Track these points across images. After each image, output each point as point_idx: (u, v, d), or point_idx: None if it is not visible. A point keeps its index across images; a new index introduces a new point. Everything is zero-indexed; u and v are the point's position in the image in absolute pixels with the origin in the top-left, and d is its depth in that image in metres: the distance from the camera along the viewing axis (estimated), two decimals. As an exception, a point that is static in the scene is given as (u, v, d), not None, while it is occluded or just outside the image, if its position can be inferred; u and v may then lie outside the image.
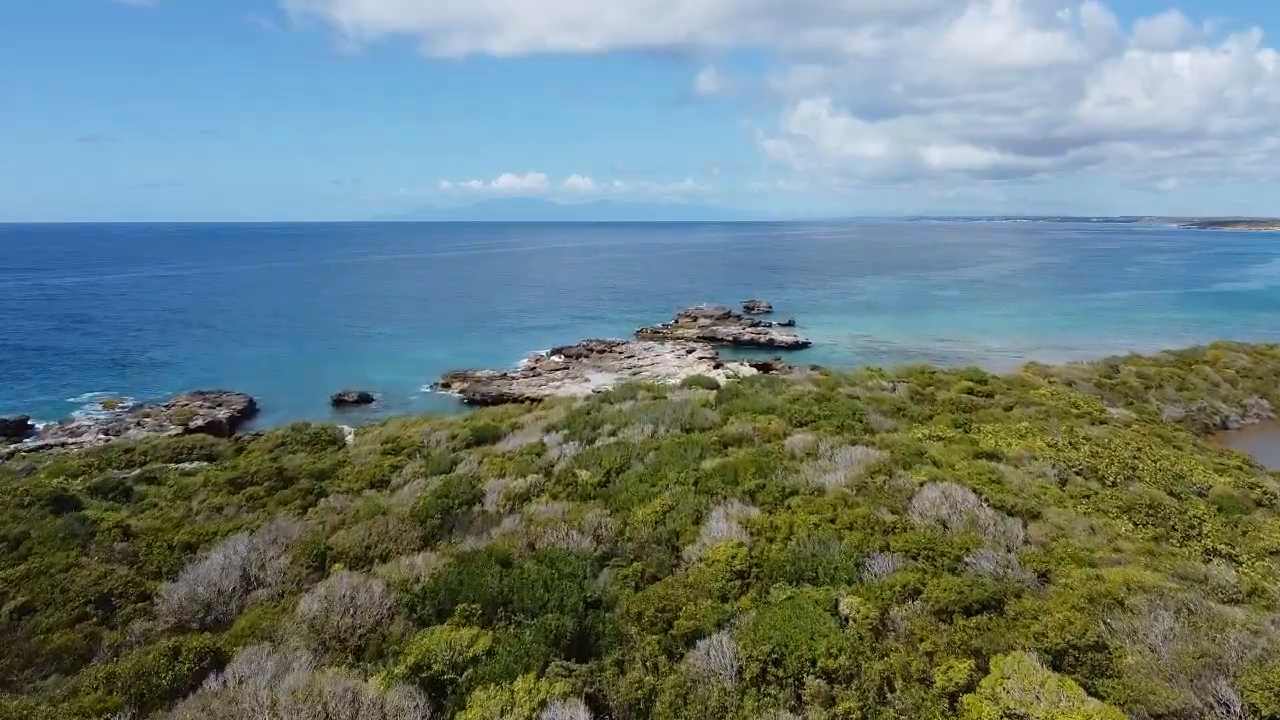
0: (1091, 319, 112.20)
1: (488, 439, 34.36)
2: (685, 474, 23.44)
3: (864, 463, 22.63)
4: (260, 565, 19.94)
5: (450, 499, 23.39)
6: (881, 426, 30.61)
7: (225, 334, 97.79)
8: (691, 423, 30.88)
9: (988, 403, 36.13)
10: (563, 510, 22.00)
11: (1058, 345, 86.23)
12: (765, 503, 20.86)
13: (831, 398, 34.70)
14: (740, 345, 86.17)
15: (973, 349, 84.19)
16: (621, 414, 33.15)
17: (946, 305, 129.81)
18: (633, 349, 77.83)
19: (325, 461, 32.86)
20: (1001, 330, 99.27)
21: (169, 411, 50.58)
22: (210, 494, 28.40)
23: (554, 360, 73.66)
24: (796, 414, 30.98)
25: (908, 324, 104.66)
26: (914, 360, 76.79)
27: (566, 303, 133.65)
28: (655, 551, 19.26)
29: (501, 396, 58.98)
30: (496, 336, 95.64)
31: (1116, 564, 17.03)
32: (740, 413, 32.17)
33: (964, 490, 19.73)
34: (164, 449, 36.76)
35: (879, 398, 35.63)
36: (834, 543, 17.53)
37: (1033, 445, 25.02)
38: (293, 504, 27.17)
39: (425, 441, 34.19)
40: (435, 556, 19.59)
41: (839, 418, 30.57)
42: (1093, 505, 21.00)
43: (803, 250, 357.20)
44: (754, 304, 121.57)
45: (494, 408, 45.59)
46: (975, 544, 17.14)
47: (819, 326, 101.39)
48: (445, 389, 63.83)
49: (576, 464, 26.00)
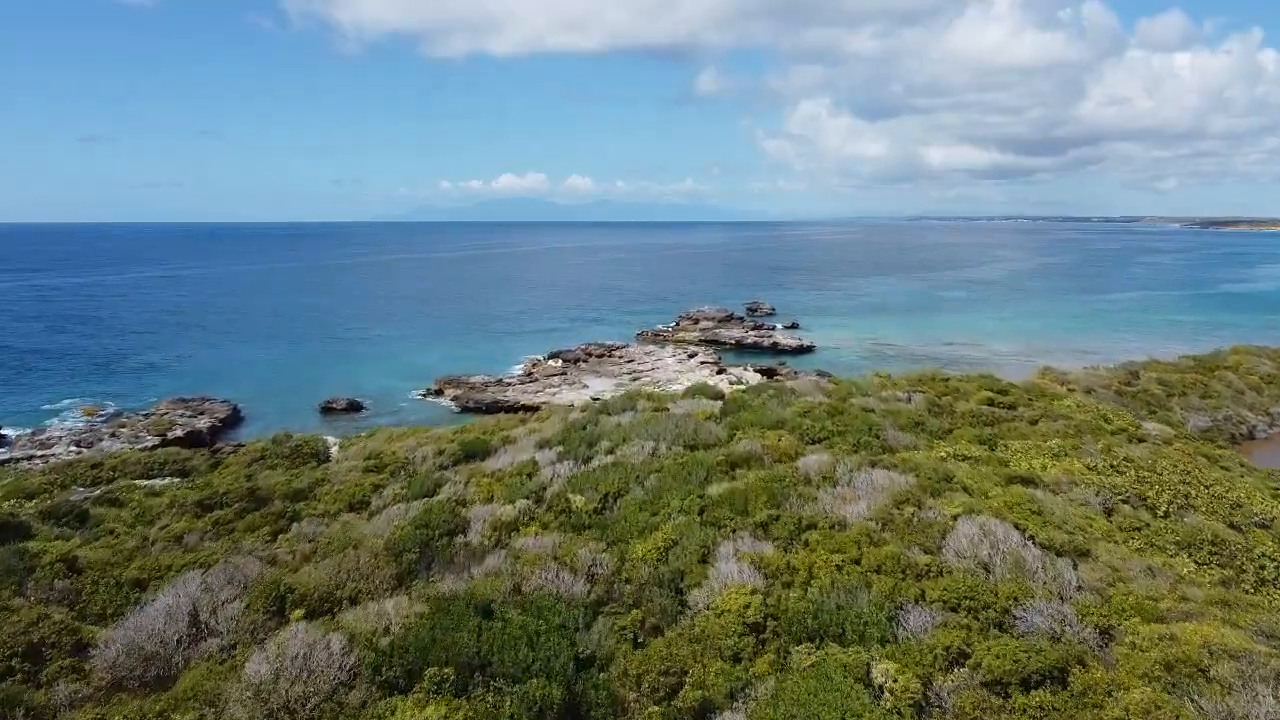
0: (1100, 321, 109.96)
1: (477, 455, 32.16)
2: (689, 501, 21.23)
3: (888, 490, 20.42)
4: (213, 610, 17.73)
5: (430, 529, 21.18)
6: (900, 443, 28.41)
7: (219, 336, 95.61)
8: (695, 439, 28.68)
9: (1011, 415, 33.92)
10: (554, 544, 19.80)
11: (1069, 349, 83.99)
12: (779, 538, 18.65)
13: (844, 410, 32.52)
14: (743, 349, 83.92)
15: (982, 353, 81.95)
16: (620, 428, 30.95)
17: (952, 307, 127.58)
18: (633, 353, 75.62)
19: (302, 480, 30.65)
20: (1010, 333, 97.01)
21: (147, 421, 48.36)
22: (174, 518, 26.20)
23: (551, 365, 71.44)
24: (808, 429, 28.77)
25: (914, 326, 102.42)
26: (922, 365, 74.57)
27: (565, 304, 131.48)
28: (656, 596, 17.04)
29: (496, 404, 56.74)
30: (493, 339, 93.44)
31: (1187, 617, 14.81)
32: (748, 427, 29.97)
33: (1004, 525, 17.51)
34: (134, 464, 34.56)
35: (895, 410, 33.41)
36: (861, 591, 15.31)
37: (1071, 468, 22.81)
38: (262, 530, 24.99)
39: (410, 458, 31.99)
40: (408, 601, 17.40)
41: (854, 434, 28.36)
42: (1146, 540, 18.78)
43: (804, 250, 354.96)
44: (756, 305, 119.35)
45: (486, 418, 43.40)
46: (1025, 593, 14.92)
47: (823, 329, 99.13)
48: (438, 395, 61.62)
49: (570, 487, 23.80)
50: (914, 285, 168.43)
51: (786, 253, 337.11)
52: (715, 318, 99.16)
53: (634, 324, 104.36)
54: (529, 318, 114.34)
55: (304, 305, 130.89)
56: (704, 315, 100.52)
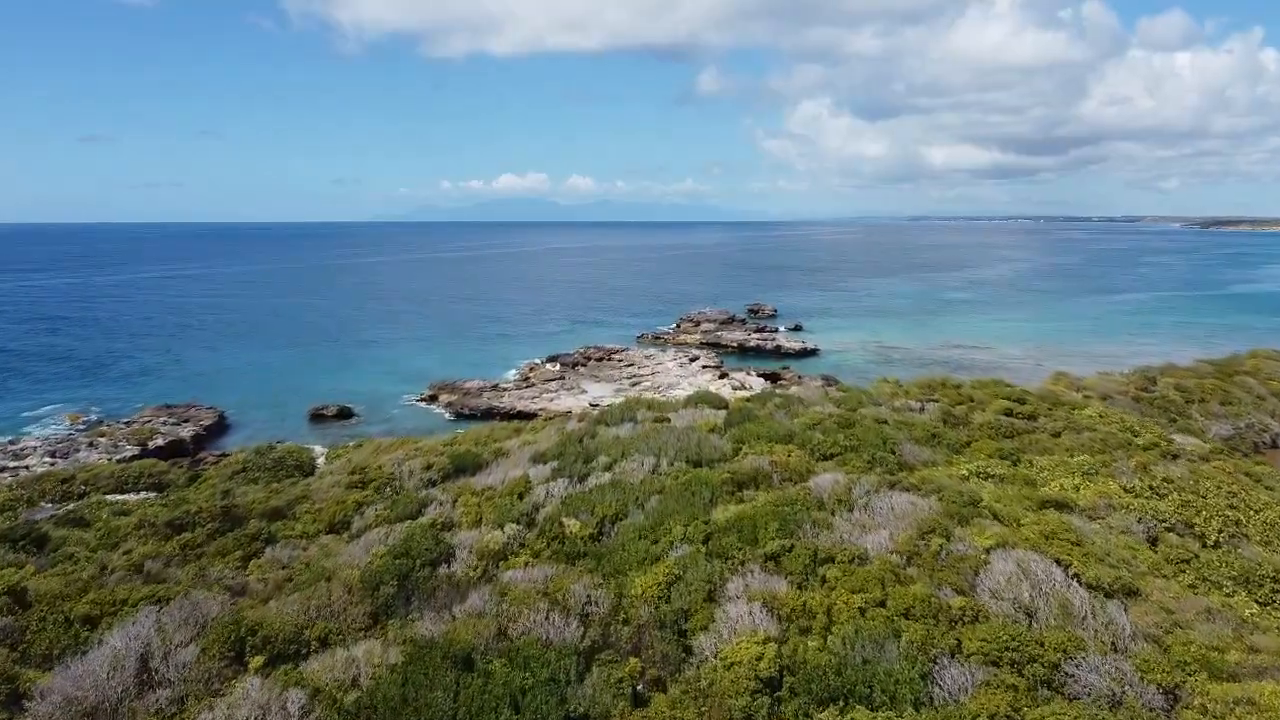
0: (1109, 323, 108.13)
1: (467, 469, 30.42)
2: (694, 528, 19.47)
3: (911, 517, 18.65)
4: (165, 654, 15.97)
5: (411, 558, 19.41)
6: (917, 459, 26.65)
7: (213, 339, 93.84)
8: (699, 454, 26.91)
9: (1031, 427, 32.14)
10: (545, 577, 18.04)
11: (1080, 353, 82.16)
12: (793, 572, 16.88)
13: (855, 421, 30.77)
14: (746, 352, 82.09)
15: (991, 356, 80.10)
16: (619, 442, 29.19)
17: (958, 309, 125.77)
18: (633, 356, 73.83)
19: (282, 497, 28.91)
20: (1018, 336, 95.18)
21: (128, 430, 46.58)
22: (140, 541, 24.45)
23: (549, 369, 69.66)
24: (819, 444, 27.00)
25: (919, 329, 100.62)
26: (930, 369, 72.77)
27: (564, 306, 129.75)
28: (658, 641, 15.28)
29: (491, 411, 54.96)
30: (490, 342, 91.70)
31: (1261, 674, 13.03)
32: (754, 441, 28.20)
33: (1044, 561, 15.75)
34: (106, 478, 32.82)
35: (909, 421, 31.64)
36: (890, 642, 13.54)
37: (1107, 490, 21.03)
38: (233, 555, 23.24)
39: (396, 472, 30.23)
40: (382, 646, 15.66)
41: (868, 448, 26.59)
42: (1198, 574, 17.00)
43: (805, 251, 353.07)
44: (758, 307, 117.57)
45: (480, 427, 41.67)
46: (1075, 645, 13.14)
47: (827, 332, 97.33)
48: (432, 401, 59.83)
49: (565, 510, 22.04)
50: (917, 286, 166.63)
51: (787, 253, 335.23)
52: (717, 320, 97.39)
53: (634, 326, 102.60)
54: (527, 320, 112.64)
55: (301, 306, 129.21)
56: (705, 317, 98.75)
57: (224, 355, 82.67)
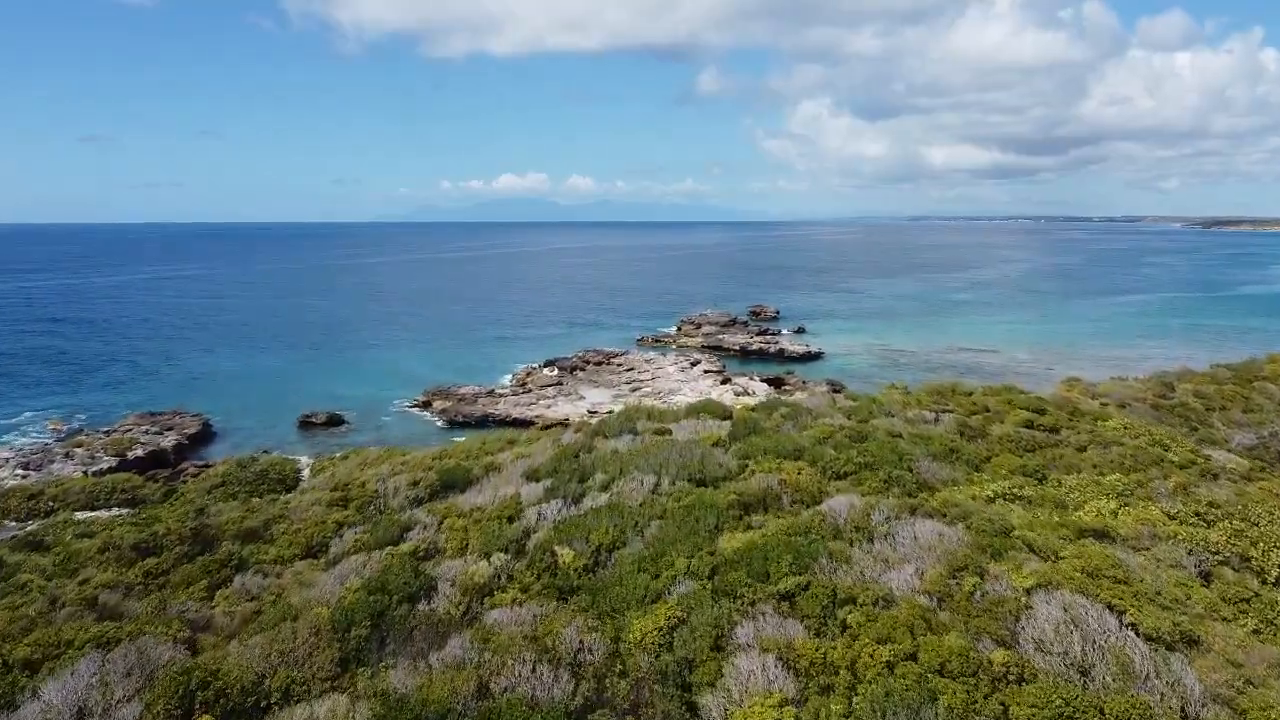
0: (1118, 325, 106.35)
1: (456, 485, 28.68)
2: (698, 561, 17.72)
3: (939, 550, 16.90)
4: (104, 710, 14.25)
5: (387, 594, 17.67)
6: (936, 477, 24.89)
7: (206, 341, 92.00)
8: (702, 471, 25.17)
9: (1053, 440, 30.38)
10: (533, 617, 16.30)
11: (1090, 356, 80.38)
12: (810, 615, 15.12)
13: (868, 435, 29.01)
14: (748, 356, 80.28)
15: (999, 360, 78.28)
16: (617, 457, 27.45)
17: (962, 310, 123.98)
18: (632, 360, 72.05)
19: (258, 516, 27.15)
20: (1026, 338, 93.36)
21: (107, 439, 44.77)
22: (101, 567, 22.69)
23: (546, 374, 67.87)
24: (831, 461, 25.23)
25: (925, 331, 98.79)
26: (938, 374, 71.00)
27: (563, 308, 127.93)
28: (659, 698, 13.52)
29: (486, 418, 53.17)
30: (487, 345, 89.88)
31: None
32: (761, 456, 26.46)
33: (1093, 605, 13.99)
34: (77, 493, 31.08)
35: (924, 434, 29.87)
36: (925, 708, 11.77)
37: (1148, 517, 19.26)
38: (198, 585, 21.49)
39: (381, 489, 28.47)
40: (349, 700, 13.95)
41: (884, 465, 24.82)
42: (1261, 617, 15.24)
43: (806, 251, 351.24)
44: (760, 309, 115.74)
45: (471, 438, 39.90)
46: (1142, 713, 11.37)
47: (831, 334, 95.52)
48: (425, 408, 58.05)
49: (557, 536, 20.29)
50: (920, 287, 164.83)
51: (788, 253, 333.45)
52: (718, 322, 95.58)
53: (634, 328, 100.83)
54: (525, 322, 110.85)
55: (297, 308, 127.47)
56: (706, 320, 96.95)
57: (216, 359, 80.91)
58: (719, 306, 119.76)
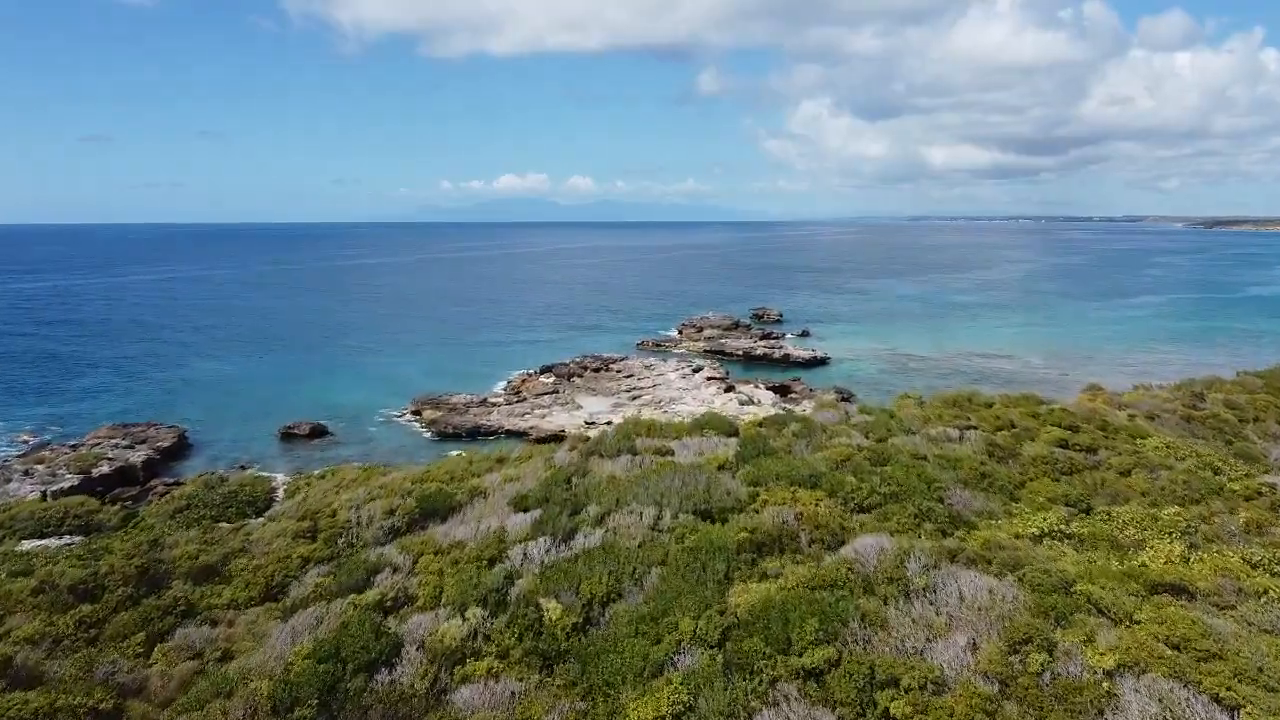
0: (1131, 328, 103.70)
1: (437, 513, 26.11)
2: (706, 622, 15.11)
3: (992, 612, 14.28)
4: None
5: (342, 661, 15.06)
6: (969, 508, 22.32)
7: (193, 346, 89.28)
8: (708, 500, 22.59)
9: (1092, 462, 27.80)
10: (511, 696, 13.72)
11: (1105, 361, 77.78)
12: (844, 702, 12.52)
13: (889, 457, 26.46)
14: (752, 361, 77.65)
15: (1013, 366, 75.61)
16: (614, 484, 24.86)
17: (970, 313, 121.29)
18: (632, 366, 69.42)
19: (217, 550, 24.49)
20: (1038, 342, 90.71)
21: (72, 454, 42.14)
22: (30, 614, 20.06)
23: (542, 381, 65.26)
24: (852, 490, 22.61)
25: (933, 335, 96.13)
26: (950, 381, 68.39)
27: (561, 310, 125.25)
28: (661, 818, 10.92)
29: (477, 429, 50.55)
30: (482, 349, 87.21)
31: None
32: (772, 482, 23.85)
33: (1195, 695, 11.37)
34: (25, 519, 28.45)
35: (950, 456, 27.28)
36: None
37: (1226, 564, 16.66)
38: (136, 637, 18.87)
39: (353, 518, 25.86)
40: (279, 815, 11.34)
41: (911, 495, 22.23)
42: (1388, 703, 12.50)
43: (808, 251, 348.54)
44: (763, 312, 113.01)
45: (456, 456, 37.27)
46: None
47: (837, 338, 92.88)
48: (415, 417, 55.44)
49: (544, 584, 17.67)
50: (925, 288, 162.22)
51: (790, 254, 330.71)
52: (720, 326, 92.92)
53: (633, 332, 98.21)
54: (522, 325, 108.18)
55: (289, 310, 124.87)
56: (708, 323, 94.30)
57: (203, 364, 78.27)
58: (721, 309, 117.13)
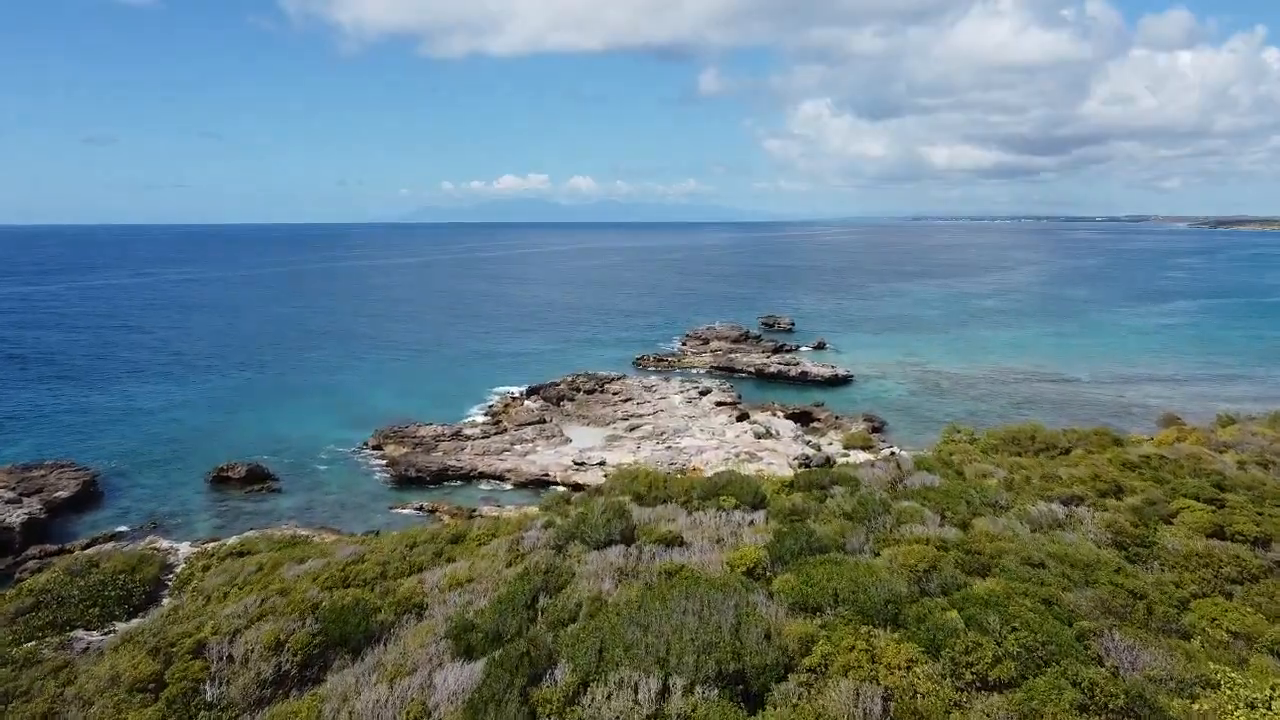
0: (1173, 338, 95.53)
1: (347, 642, 18.32)
2: None
3: None
4: None
5: None
6: (1137, 665, 14.52)
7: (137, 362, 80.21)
8: (738, 654, 14.81)
9: (1266, 561, 19.86)
10: None
11: (1163, 379, 69.64)
12: None
13: (987, 558, 18.72)
14: (765, 379, 69.61)
15: (1061, 386, 67.31)
16: (599, 611, 17.02)
17: (992, 320, 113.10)
18: (630, 387, 61.40)
19: (17, 715, 16.69)
20: (1077, 356, 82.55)
21: (-68, 515, 34.24)
22: None
23: (528, 405, 57.26)
24: (963, 648, 14.68)
25: (960, 346, 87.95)
26: (990, 404, 60.41)
27: (554, 319, 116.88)
28: None
29: (444, 472, 42.56)
30: (464, 365, 78.93)
31: None
32: (830, 608, 16.10)
33: None
34: None
35: (1074, 558, 19.41)
36: None
37: None
38: None
39: (221, 653, 17.99)
40: None
41: (1054, 653, 14.36)
42: None
43: (812, 253, 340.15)
44: (773, 320, 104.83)
45: (400, 534, 29.42)
46: None
47: (856, 350, 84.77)
48: (376, 452, 47.52)
49: None
50: (941, 292, 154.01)
51: (794, 255, 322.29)
52: (728, 337, 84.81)
53: (632, 343, 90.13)
54: (511, 335, 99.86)
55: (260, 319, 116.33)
56: (715, 334, 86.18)
57: (141, 387, 68.94)
58: (727, 316, 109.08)
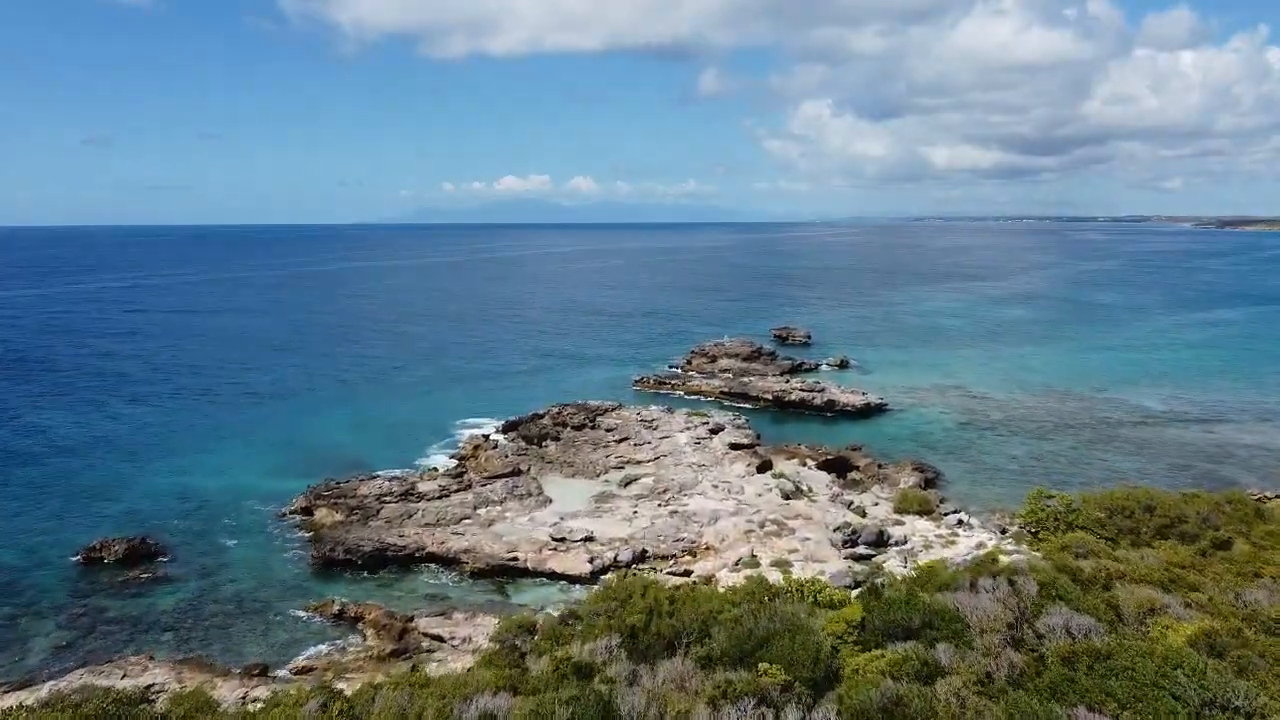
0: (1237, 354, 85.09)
1: None
2: None
3: None
4: None
5: None
6: None
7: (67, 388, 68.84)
8: None
9: None
10: None
11: (1252, 409, 59.46)
12: None
13: None
14: (785, 408, 59.49)
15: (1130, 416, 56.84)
16: None
17: (1027, 332, 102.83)
18: (626, 421, 51.43)
19: None
20: (1134, 374, 72.41)
21: None
22: None
23: (502, 448, 47.18)
24: None
25: (1002, 366, 77.58)
26: (1058, 445, 50.32)
27: (546, 331, 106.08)
28: None
29: (382, 553, 32.54)
30: (435, 390, 68.17)
31: None
32: None
33: None
34: None
35: None
36: None
37: None
38: None
39: None
40: None
41: None
42: None
43: (817, 254, 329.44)
44: (787, 332, 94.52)
45: (337, 626, 19.46)
46: None
47: (884, 370, 74.61)
48: (304, 516, 37.58)
49: None
50: (960, 298, 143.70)
51: (799, 256, 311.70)
52: (739, 354, 74.67)
53: (631, 361, 79.99)
54: (494, 352, 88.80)
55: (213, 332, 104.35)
56: (724, 350, 76.02)
57: (59, 417, 58.38)
58: (734, 326, 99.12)
